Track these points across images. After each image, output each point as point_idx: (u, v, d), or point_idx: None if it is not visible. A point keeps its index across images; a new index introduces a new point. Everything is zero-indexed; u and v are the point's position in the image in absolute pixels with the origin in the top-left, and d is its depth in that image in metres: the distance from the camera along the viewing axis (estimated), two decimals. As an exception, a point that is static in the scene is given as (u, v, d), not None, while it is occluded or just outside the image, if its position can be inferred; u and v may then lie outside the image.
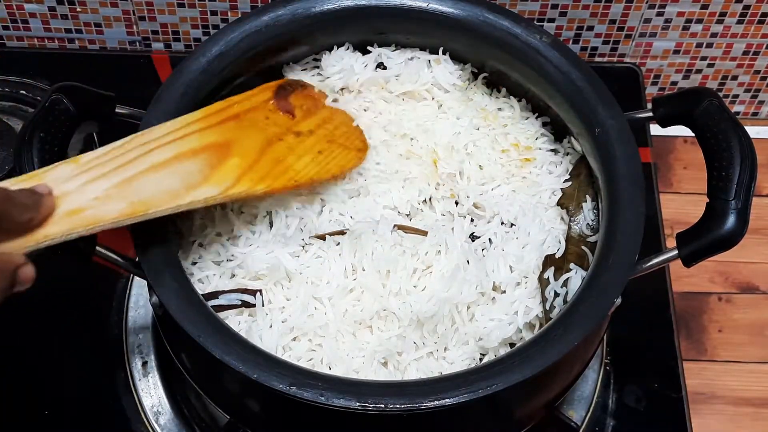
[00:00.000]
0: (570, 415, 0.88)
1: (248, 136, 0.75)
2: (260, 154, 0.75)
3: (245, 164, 0.73)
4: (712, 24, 1.06)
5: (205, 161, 0.71)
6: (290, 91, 0.82)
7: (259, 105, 0.79)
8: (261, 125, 0.77)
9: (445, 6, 0.83)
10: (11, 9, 1.06)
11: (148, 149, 0.70)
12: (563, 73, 0.80)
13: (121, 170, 0.67)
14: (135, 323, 0.92)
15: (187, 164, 0.70)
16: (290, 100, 0.81)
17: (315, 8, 0.83)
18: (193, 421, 0.87)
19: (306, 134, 0.79)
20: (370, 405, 0.64)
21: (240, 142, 0.74)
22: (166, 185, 0.68)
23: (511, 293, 0.75)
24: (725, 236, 0.71)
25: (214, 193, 0.70)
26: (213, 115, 0.75)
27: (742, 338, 1.00)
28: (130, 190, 0.67)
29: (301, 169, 0.76)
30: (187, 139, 0.72)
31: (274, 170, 0.75)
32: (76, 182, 0.65)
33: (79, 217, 0.64)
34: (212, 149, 0.72)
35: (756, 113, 1.17)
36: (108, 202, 0.65)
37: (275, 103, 0.80)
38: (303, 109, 0.81)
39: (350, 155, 0.80)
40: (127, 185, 0.67)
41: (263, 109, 0.79)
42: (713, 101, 0.76)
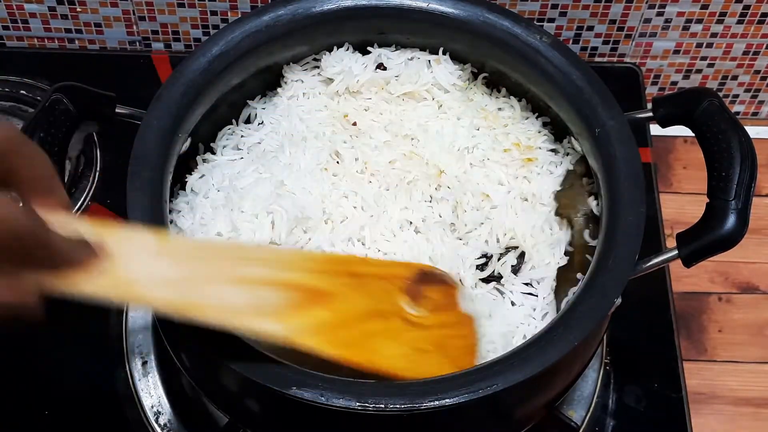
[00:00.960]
0: (570, 415, 0.88)
1: (354, 298, 0.66)
2: (354, 320, 0.65)
3: (330, 321, 0.64)
4: (712, 24, 1.06)
5: (292, 298, 0.62)
6: (429, 280, 0.72)
7: (387, 276, 0.70)
8: (375, 295, 0.68)
9: (445, 6, 0.83)
10: (11, 9, 1.06)
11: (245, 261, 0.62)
12: (563, 73, 0.80)
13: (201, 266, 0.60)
14: (135, 323, 0.92)
15: (269, 292, 0.62)
16: (423, 287, 0.70)
17: (315, 8, 0.83)
18: (193, 421, 0.87)
19: (417, 327, 0.69)
20: (370, 405, 0.64)
21: (341, 300, 0.65)
22: (230, 298, 0.61)
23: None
24: (725, 236, 0.71)
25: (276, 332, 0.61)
26: (336, 264, 0.68)
27: (742, 338, 1.00)
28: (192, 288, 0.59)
29: (386, 357, 0.66)
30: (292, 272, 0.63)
31: (357, 342, 0.65)
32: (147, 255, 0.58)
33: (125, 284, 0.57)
34: (308, 292, 0.63)
35: (756, 113, 1.17)
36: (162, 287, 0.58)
37: (407, 284, 0.70)
38: (431, 302, 0.70)
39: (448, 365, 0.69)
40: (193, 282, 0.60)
41: (389, 281, 0.69)
42: (713, 101, 0.76)
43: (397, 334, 0.68)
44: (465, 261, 0.78)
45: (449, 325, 0.72)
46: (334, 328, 0.64)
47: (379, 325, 0.67)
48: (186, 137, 0.80)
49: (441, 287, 0.73)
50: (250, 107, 0.86)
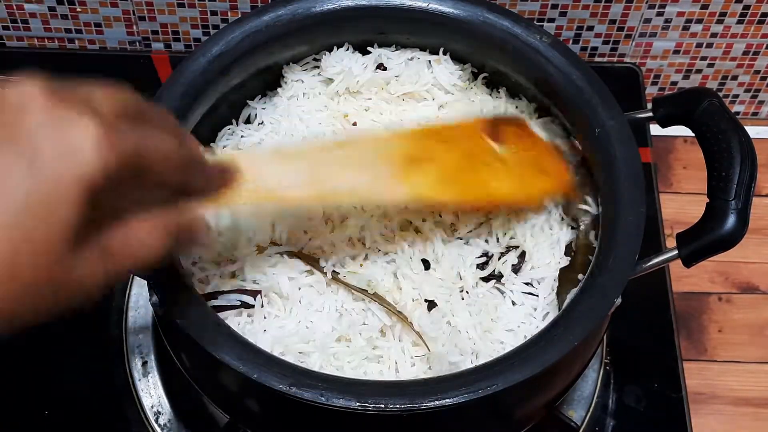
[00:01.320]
0: (570, 415, 0.88)
1: (451, 152, 0.73)
2: (459, 169, 0.73)
3: (442, 174, 0.71)
4: (712, 24, 1.06)
5: (401, 164, 0.70)
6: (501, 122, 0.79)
7: (467, 130, 0.77)
8: (466, 147, 0.75)
9: (445, 6, 0.83)
10: (11, 9, 1.06)
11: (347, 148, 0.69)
12: (563, 73, 0.80)
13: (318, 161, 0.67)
14: (135, 323, 0.92)
15: (383, 165, 0.69)
16: (501, 132, 0.78)
17: (315, 8, 0.83)
18: (193, 421, 0.87)
19: (512, 160, 0.77)
20: (370, 405, 0.64)
21: (441, 156, 0.73)
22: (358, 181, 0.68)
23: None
24: (725, 236, 0.71)
25: (403, 195, 0.69)
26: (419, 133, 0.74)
27: (742, 338, 1.00)
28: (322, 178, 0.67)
29: (496, 188, 0.75)
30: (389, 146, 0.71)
31: (471, 186, 0.73)
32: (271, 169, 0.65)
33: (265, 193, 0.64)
34: (410, 158, 0.71)
35: (756, 113, 1.17)
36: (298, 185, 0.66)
37: (485, 129, 0.77)
38: (512, 137, 0.79)
39: (553, 182, 0.78)
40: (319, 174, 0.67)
41: (472, 135, 0.77)
42: (713, 101, 0.76)
43: (498, 170, 0.75)
44: (465, 260, 0.78)
45: (536, 149, 0.79)
46: (446, 178, 0.71)
47: (481, 167, 0.74)
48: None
49: (514, 123, 0.79)
50: (250, 107, 0.86)
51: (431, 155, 0.72)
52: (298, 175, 0.66)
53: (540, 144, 0.81)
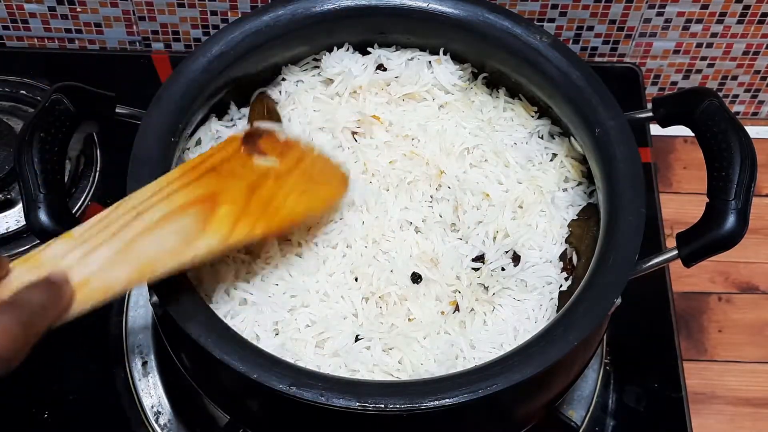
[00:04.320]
0: (570, 415, 0.88)
1: (231, 184, 0.74)
2: (248, 199, 0.74)
3: (237, 210, 0.72)
4: (712, 24, 1.06)
5: (196, 215, 0.70)
6: (258, 138, 0.79)
7: (231, 155, 0.77)
8: (240, 173, 0.76)
9: (445, 6, 0.83)
10: (11, 9, 1.06)
11: (137, 213, 0.68)
12: (563, 73, 0.80)
13: (117, 237, 0.66)
14: (135, 323, 0.92)
15: (179, 221, 0.69)
16: (260, 145, 0.78)
17: (315, 8, 0.83)
18: (193, 421, 0.87)
19: (285, 175, 0.77)
20: (370, 405, 0.64)
21: (225, 191, 0.73)
22: (165, 244, 0.67)
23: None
24: (725, 236, 0.71)
25: (214, 243, 0.69)
26: (191, 171, 0.73)
27: (742, 338, 1.00)
28: (133, 254, 0.66)
29: (293, 206, 0.75)
30: (173, 197, 0.70)
31: (267, 212, 0.74)
32: (76, 255, 0.64)
33: (90, 288, 0.63)
34: (200, 202, 0.71)
35: (756, 113, 1.17)
36: (113, 269, 0.64)
37: (246, 150, 0.77)
38: (276, 152, 0.79)
39: (334, 188, 0.79)
40: (128, 250, 0.66)
41: (238, 158, 0.77)
42: (713, 101, 0.76)
43: (280, 189, 0.76)
44: (464, 260, 0.78)
45: (302, 159, 0.79)
46: (243, 214, 0.72)
47: (264, 191, 0.75)
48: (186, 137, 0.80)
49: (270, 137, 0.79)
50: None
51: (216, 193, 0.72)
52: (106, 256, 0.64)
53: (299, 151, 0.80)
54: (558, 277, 0.78)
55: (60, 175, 0.71)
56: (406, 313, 0.75)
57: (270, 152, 0.78)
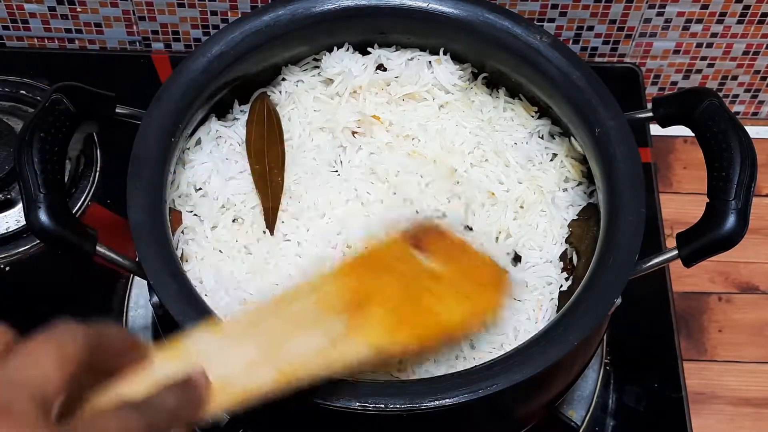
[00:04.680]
0: (570, 415, 0.88)
1: (385, 283, 0.68)
2: (403, 302, 0.67)
3: (388, 312, 0.66)
4: (712, 24, 1.06)
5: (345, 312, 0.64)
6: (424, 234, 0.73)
7: (395, 251, 0.71)
8: (395, 267, 0.70)
9: (445, 6, 0.83)
10: (11, 9, 1.06)
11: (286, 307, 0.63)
12: (563, 73, 0.80)
13: (264, 333, 0.60)
14: (135, 323, 0.91)
15: (329, 320, 0.63)
16: (423, 241, 0.72)
17: (315, 8, 0.83)
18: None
19: (444, 276, 0.71)
20: (370, 405, 0.64)
21: (378, 291, 0.67)
22: (311, 345, 0.61)
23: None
24: (725, 236, 0.71)
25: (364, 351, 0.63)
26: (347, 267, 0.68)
27: (742, 338, 1.00)
28: (278, 355, 0.60)
29: (444, 312, 0.68)
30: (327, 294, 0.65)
31: (422, 319, 0.67)
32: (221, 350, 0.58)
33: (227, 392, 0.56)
34: (351, 301, 0.65)
35: (756, 113, 1.17)
36: (256, 370, 0.58)
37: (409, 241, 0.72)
38: (436, 250, 0.72)
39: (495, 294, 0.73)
40: (273, 349, 0.60)
41: (396, 252, 0.71)
42: (713, 101, 0.76)
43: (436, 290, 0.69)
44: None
45: (464, 259, 0.73)
46: (394, 317, 0.66)
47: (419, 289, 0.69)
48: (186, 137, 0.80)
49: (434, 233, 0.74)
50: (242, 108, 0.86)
51: (369, 292, 0.66)
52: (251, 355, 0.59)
53: (466, 251, 0.75)
54: (558, 277, 0.78)
55: (60, 175, 0.71)
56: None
57: (434, 253, 0.72)
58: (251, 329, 0.60)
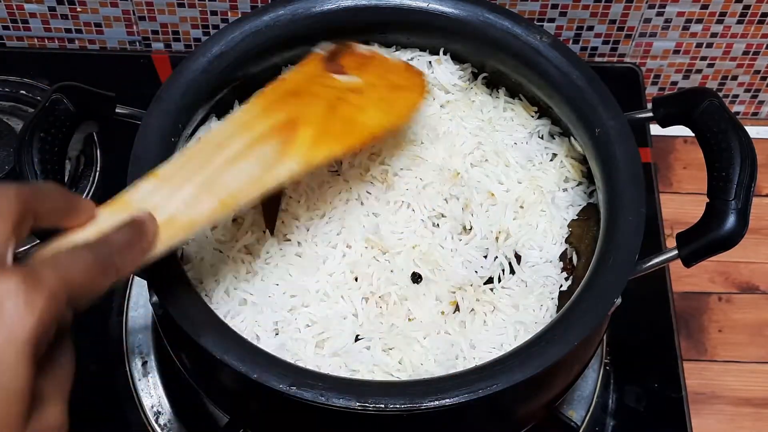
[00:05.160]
0: (570, 415, 0.88)
1: (310, 105, 0.74)
2: (327, 118, 0.74)
3: (317, 131, 0.72)
4: (712, 24, 1.06)
5: (277, 140, 0.70)
6: (338, 55, 0.80)
7: (311, 75, 0.78)
8: (319, 93, 0.76)
9: (445, 6, 0.83)
10: (11, 9, 1.06)
11: (219, 146, 0.68)
12: (563, 73, 0.80)
13: (199, 172, 0.66)
14: (135, 323, 0.92)
15: (260, 149, 0.69)
16: (340, 62, 0.79)
17: (315, 8, 0.83)
18: (193, 421, 0.87)
19: (364, 89, 0.78)
20: (370, 405, 0.64)
21: (305, 114, 0.73)
22: (247, 174, 0.67)
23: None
24: (725, 236, 0.71)
25: (295, 167, 0.69)
26: (269, 95, 0.74)
27: (742, 338, 1.00)
28: (216, 188, 0.66)
29: (368, 122, 0.75)
30: (254, 127, 0.71)
31: (345, 129, 0.74)
32: (161, 194, 0.64)
33: (175, 226, 0.62)
34: (280, 128, 0.71)
35: (756, 113, 1.17)
36: (197, 203, 0.64)
37: (326, 68, 0.78)
38: (355, 67, 0.79)
39: (413, 94, 0.79)
40: (211, 183, 0.66)
41: (317, 76, 0.78)
42: (713, 101, 0.76)
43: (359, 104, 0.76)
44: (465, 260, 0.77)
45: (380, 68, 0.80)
46: (323, 134, 0.72)
47: (344, 109, 0.75)
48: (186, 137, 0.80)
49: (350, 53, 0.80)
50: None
51: (294, 116, 0.72)
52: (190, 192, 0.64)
53: (381, 61, 0.81)
54: (558, 277, 0.78)
55: (60, 175, 0.71)
56: (406, 313, 0.75)
57: (351, 69, 0.79)
58: (187, 170, 0.66)
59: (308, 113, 0.73)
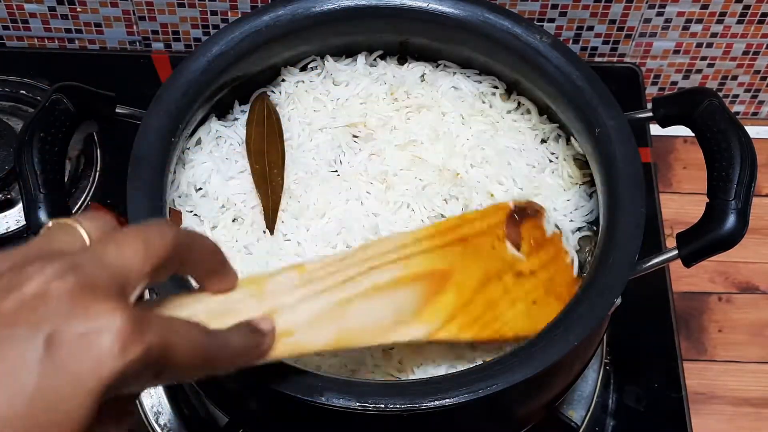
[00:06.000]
0: (570, 415, 0.88)
1: (470, 266, 0.68)
2: (476, 292, 0.68)
3: (459, 303, 0.66)
4: (712, 24, 1.06)
5: (421, 291, 0.64)
6: (523, 218, 0.74)
7: (489, 229, 0.72)
8: (485, 255, 0.70)
9: (445, 6, 0.83)
10: (11, 9, 1.06)
11: (370, 266, 0.63)
12: (563, 73, 0.80)
13: (339, 288, 0.60)
14: (135, 323, 0.91)
15: (403, 292, 0.63)
16: (521, 229, 0.73)
17: (315, 8, 0.83)
18: (193, 421, 0.87)
19: (527, 276, 0.71)
20: (370, 405, 0.64)
21: (460, 273, 0.67)
22: (377, 316, 0.62)
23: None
24: (725, 236, 0.71)
25: (420, 336, 0.64)
26: (442, 233, 0.68)
27: (742, 338, 1.00)
28: (342, 317, 0.60)
29: (511, 321, 0.69)
30: (412, 261, 0.65)
31: (485, 316, 0.68)
32: (295, 296, 0.58)
33: (288, 342, 0.57)
34: (432, 277, 0.65)
35: (756, 113, 1.17)
36: (318, 327, 0.59)
37: (506, 230, 0.72)
38: (530, 243, 0.73)
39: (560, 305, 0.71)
40: (341, 309, 0.60)
41: (492, 234, 0.71)
42: (713, 101, 0.76)
43: (513, 292, 0.70)
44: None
45: (550, 261, 0.73)
46: (462, 310, 0.66)
47: (497, 290, 0.69)
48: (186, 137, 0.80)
49: (533, 221, 0.74)
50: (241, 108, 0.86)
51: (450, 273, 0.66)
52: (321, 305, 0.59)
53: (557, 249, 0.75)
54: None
55: (60, 175, 0.71)
56: (406, 313, 0.75)
57: (525, 242, 0.72)
58: (331, 278, 0.60)
59: (463, 274, 0.67)
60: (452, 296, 0.67)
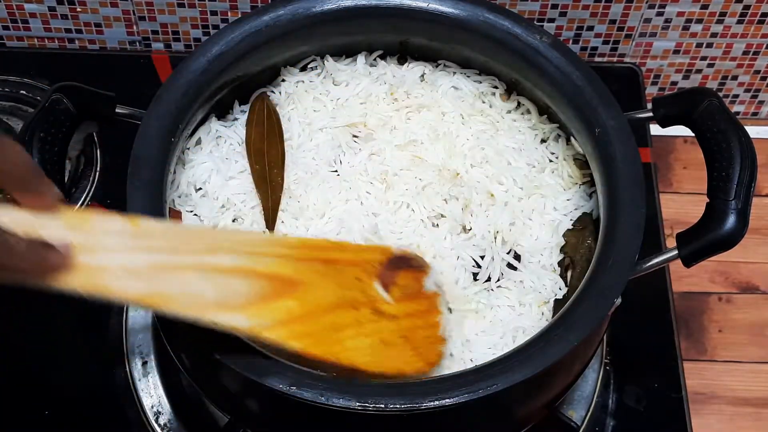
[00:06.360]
0: (570, 415, 0.88)
1: (325, 286, 0.66)
2: (323, 310, 0.66)
3: (299, 313, 0.65)
4: (712, 24, 1.06)
5: (258, 288, 0.63)
6: (404, 267, 0.72)
7: (361, 262, 0.70)
8: (346, 282, 0.68)
9: (445, 6, 0.83)
10: (11, 9, 1.06)
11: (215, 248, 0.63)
12: (563, 73, 0.80)
13: (170, 254, 0.61)
14: (135, 323, 0.91)
15: (238, 281, 0.63)
16: (397, 275, 0.71)
17: (315, 8, 0.83)
18: (193, 421, 0.87)
19: (386, 316, 0.69)
20: (370, 405, 0.64)
21: (312, 288, 0.66)
22: (197, 289, 0.61)
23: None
24: (725, 236, 0.71)
25: (241, 325, 0.62)
26: (309, 248, 0.68)
27: (742, 338, 1.00)
28: (161, 278, 0.60)
29: (351, 349, 0.67)
30: (262, 260, 0.64)
31: (324, 334, 0.66)
32: (119, 242, 0.59)
33: (96, 277, 0.58)
34: (277, 281, 0.64)
35: (756, 113, 1.17)
36: (132, 278, 0.59)
37: (380, 269, 0.70)
38: (402, 290, 0.71)
39: (416, 363, 0.70)
40: (164, 272, 0.60)
41: (362, 268, 0.70)
42: (713, 101, 0.76)
43: (365, 325, 0.68)
44: (465, 259, 0.77)
45: (418, 314, 0.72)
46: (300, 320, 0.65)
47: (348, 317, 0.68)
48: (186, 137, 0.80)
49: (413, 272, 0.73)
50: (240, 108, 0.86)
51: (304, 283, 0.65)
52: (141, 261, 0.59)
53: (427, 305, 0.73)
54: (556, 279, 0.78)
55: (60, 175, 0.71)
56: (405, 312, 0.75)
57: (397, 288, 0.71)
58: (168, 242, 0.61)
59: (315, 291, 0.66)
60: (293, 304, 0.65)
